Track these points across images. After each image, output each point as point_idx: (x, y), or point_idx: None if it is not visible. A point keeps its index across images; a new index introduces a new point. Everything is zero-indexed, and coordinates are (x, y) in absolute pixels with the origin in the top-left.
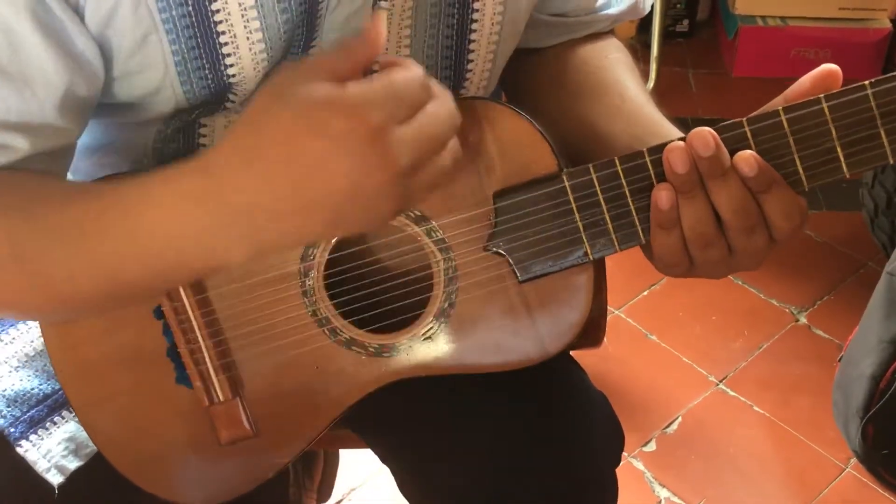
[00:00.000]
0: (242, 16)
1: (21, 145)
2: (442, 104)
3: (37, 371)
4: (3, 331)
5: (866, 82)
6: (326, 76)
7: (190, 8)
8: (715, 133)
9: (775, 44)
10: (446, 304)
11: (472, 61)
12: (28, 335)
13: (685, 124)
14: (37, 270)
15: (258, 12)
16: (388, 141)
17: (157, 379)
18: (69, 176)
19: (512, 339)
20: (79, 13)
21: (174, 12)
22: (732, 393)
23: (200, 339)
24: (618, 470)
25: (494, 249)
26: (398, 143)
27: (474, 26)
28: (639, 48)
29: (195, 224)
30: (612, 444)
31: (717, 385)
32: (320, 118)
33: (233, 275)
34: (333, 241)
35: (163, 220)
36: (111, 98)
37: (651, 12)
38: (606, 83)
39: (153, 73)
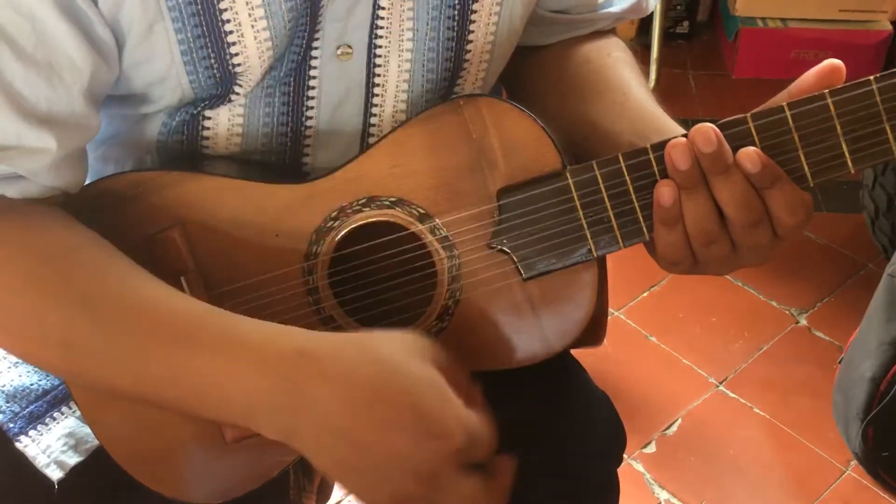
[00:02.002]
0: (247, 3)
1: (51, 145)
2: (497, 494)
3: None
4: None
5: (871, 77)
6: (450, 377)
7: None
8: (717, 129)
9: (775, 45)
10: (450, 302)
11: (469, 52)
12: None
13: (686, 126)
14: (82, 363)
15: (262, 0)
16: (447, 470)
17: None
18: None
19: (516, 337)
20: (93, 1)
21: (180, 0)
22: (732, 395)
23: None
24: (618, 471)
25: (498, 247)
26: (450, 480)
27: (473, 17)
28: (639, 49)
29: (256, 397)
30: (614, 444)
31: (718, 387)
32: (425, 401)
33: (237, 273)
34: (337, 238)
35: (231, 377)
36: (118, 88)
37: (651, 14)
38: (609, 81)
39: (159, 62)
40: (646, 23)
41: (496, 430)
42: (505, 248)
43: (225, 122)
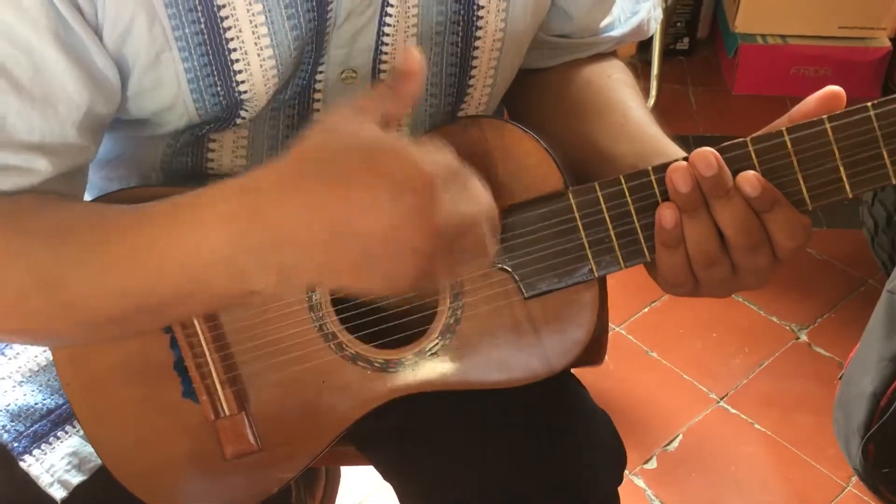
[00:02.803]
0: (253, 32)
1: (43, 167)
2: (488, 203)
3: (41, 386)
4: (7, 346)
5: (869, 104)
6: (377, 117)
7: (202, 26)
8: (717, 153)
9: (775, 62)
10: (452, 320)
11: (473, 77)
12: (32, 350)
13: (686, 142)
14: (61, 296)
15: (268, 29)
16: (436, 201)
17: (163, 392)
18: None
19: (517, 356)
20: (97, 32)
21: (187, 30)
22: (733, 410)
23: (207, 352)
24: (619, 488)
25: (500, 266)
26: (444, 207)
27: (477, 43)
28: (639, 66)
29: (226, 243)
30: (614, 462)
31: (718, 402)
32: (379, 161)
33: None
34: None
35: (194, 239)
36: (124, 114)
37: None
38: (610, 103)
39: (166, 90)
40: (646, 40)
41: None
42: (507, 267)
43: (230, 144)
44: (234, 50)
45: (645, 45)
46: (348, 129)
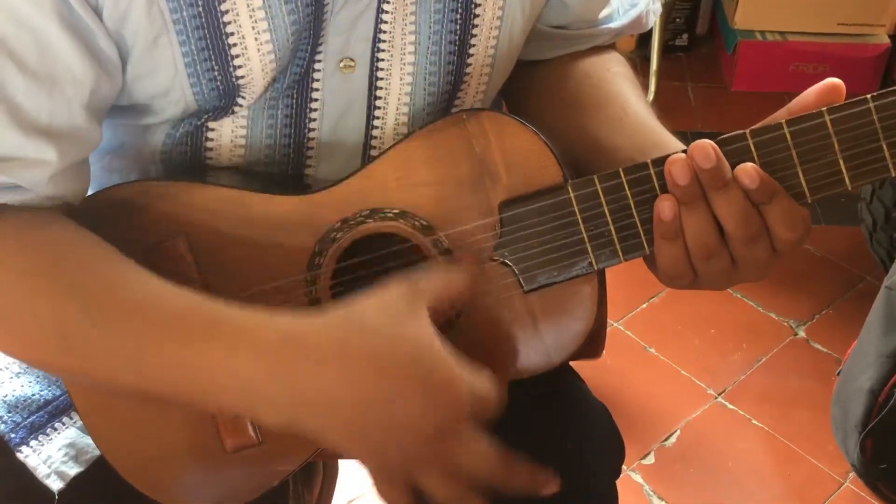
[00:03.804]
0: (251, 16)
1: (51, 157)
2: (495, 463)
3: (38, 377)
4: None
5: (868, 96)
6: (436, 302)
7: (200, 9)
8: (715, 145)
9: (774, 58)
10: (451, 314)
11: (470, 66)
12: None
13: (685, 138)
14: (81, 358)
15: (266, 13)
16: (459, 429)
17: None
18: None
19: (516, 349)
20: (97, 13)
21: (185, 13)
22: (731, 406)
23: None
24: (616, 483)
25: (500, 259)
26: (461, 438)
27: (475, 31)
28: (638, 62)
29: (251, 381)
30: (613, 457)
31: (716, 398)
32: (425, 367)
33: (240, 283)
34: (340, 250)
35: (224, 362)
36: (121, 100)
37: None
38: (608, 96)
39: (163, 74)
40: (645, 35)
41: (501, 388)
42: (506, 261)
43: (228, 134)
44: (232, 34)
45: (644, 41)
46: (402, 317)
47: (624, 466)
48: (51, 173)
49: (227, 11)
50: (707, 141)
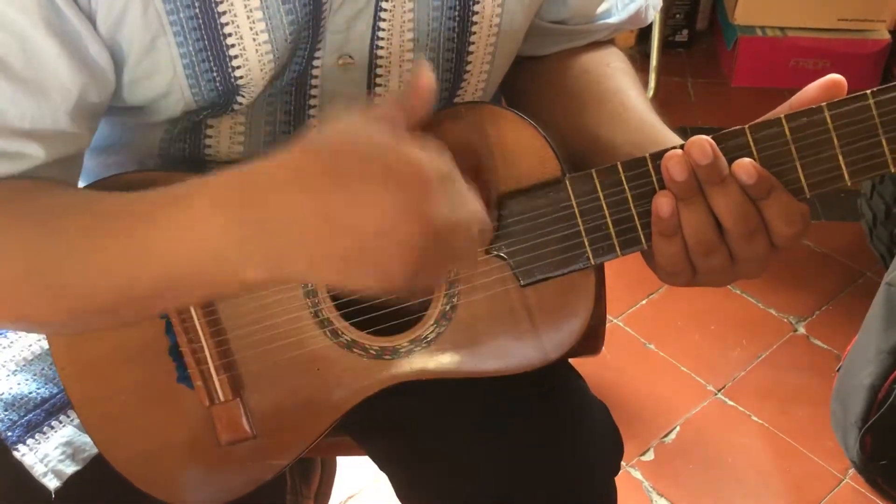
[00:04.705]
0: (248, 17)
1: (35, 153)
2: (480, 208)
3: (35, 375)
4: (1, 334)
5: (868, 91)
6: (389, 124)
7: (197, 10)
8: (713, 141)
9: (774, 54)
10: (447, 308)
11: (470, 63)
12: (26, 339)
13: (685, 134)
14: (53, 283)
15: (263, 13)
16: (432, 200)
17: (158, 378)
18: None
19: (513, 344)
20: (91, 19)
21: (182, 14)
22: (731, 402)
23: (202, 338)
24: (616, 479)
25: (496, 253)
26: (439, 207)
27: (474, 28)
28: (638, 58)
29: (221, 233)
30: (611, 453)
31: (716, 394)
32: (379, 156)
33: None
34: None
35: (184, 227)
36: (121, 102)
37: (651, 22)
38: (608, 91)
39: (162, 76)
40: (645, 31)
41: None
42: (503, 255)
43: (227, 130)
44: (230, 35)
45: (644, 37)
46: (354, 129)
47: (623, 463)
48: (35, 165)
49: (224, 13)
50: (704, 137)
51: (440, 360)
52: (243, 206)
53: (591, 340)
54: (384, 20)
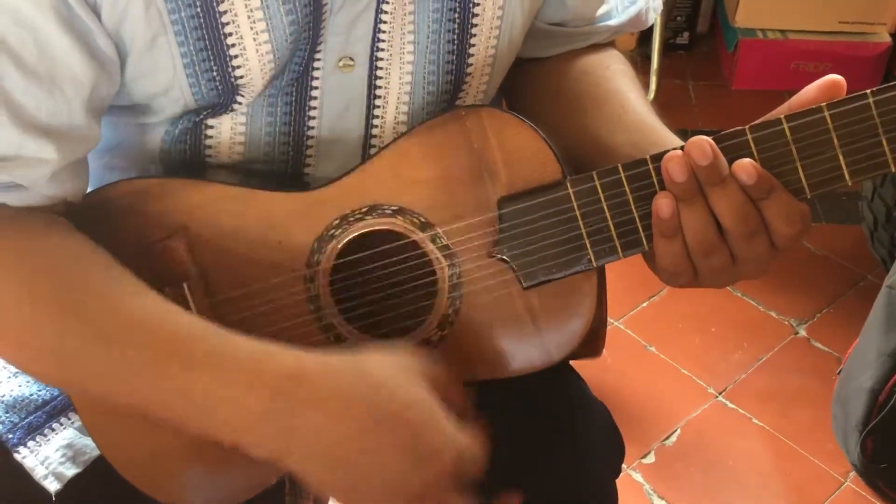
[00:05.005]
0: (249, 17)
1: (51, 155)
2: None
3: None
4: None
5: (868, 91)
6: (438, 387)
7: (198, 9)
8: (712, 142)
9: (775, 57)
10: (450, 311)
11: (471, 65)
12: None
13: (685, 136)
14: (75, 370)
15: (264, 13)
16: (440, 495)
17: None
18: None
19: (516, 346)
20: (96, 12)
21: (183, 13)
22: (731, 405)
23: None
24: (617, 481)
25: (499, 256)
26: (441, 500)
27: (474, 31)
28: (639, 60)
29: (246, 415)
30: (612, 455)
31: (717, 397)
32: (420, 430)
33: (239, 280)
34: (339, 247)
35: (222, 394)
36: (121, 100)
37: (652, 25)
38: (608, 93)
39: (162, 74)
40: (646, 34)
41: (487, 445)
42: (505, 257)
43: (227, 131)
44: (231, 34)
45: (645, 39)
46: (409, 376)
47: (624, 465)
48: (50, 171)
49: (225, 12)
50: (703, 137)
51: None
52: (277, 399)
53: (592, 343)
54: (385, 22)
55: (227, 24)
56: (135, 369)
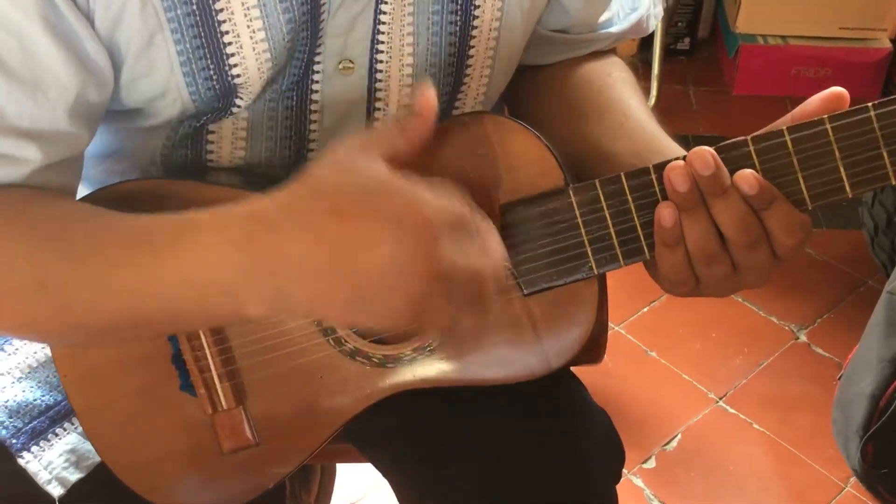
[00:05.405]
0: (245, 15)
1: (33, 156)
2: (497, 259)
3: (39, 382)
4: (5, 342)
5: (869, 104)
6: (385, 153)
7: (194, 7)
8: (714, 152)
9: (776, 62)
10: None
11: (470, 66)
12: (31, 346)
13: (686, 142)
14: (58, 298)
15: (261, 12)
16: (437, 247)
17: (160, 385)
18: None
19: (516, 353)
20: (89, 18)
21: (179, 11)
22: (732, 410)
23: (206, 346)
24: (617, 487)
25: None
26: (445, 254)
27: (474, 33)
28: (640, 66)
29: (226, 269)
30: (612, 460)
31: (717, 402)
32: (385, 201)
33: None
34: None
35: (194, 262)
36: (119, 104)
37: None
38: (609, 101)
39: (159, 74)
40: (647, 39)
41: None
42: (506, 264)
43: (228, 136)
44: (227, 33)
45: (646, 45)
46: (356, 166)
47: (625, 470)
48: (33, 169)
49: (221, 10)
50: (706, 148)
51: (443, 369)
52: (248, 243)
53: (592, 349)
54: (384, 23)
55: (224, 21)
56: (110, 272)
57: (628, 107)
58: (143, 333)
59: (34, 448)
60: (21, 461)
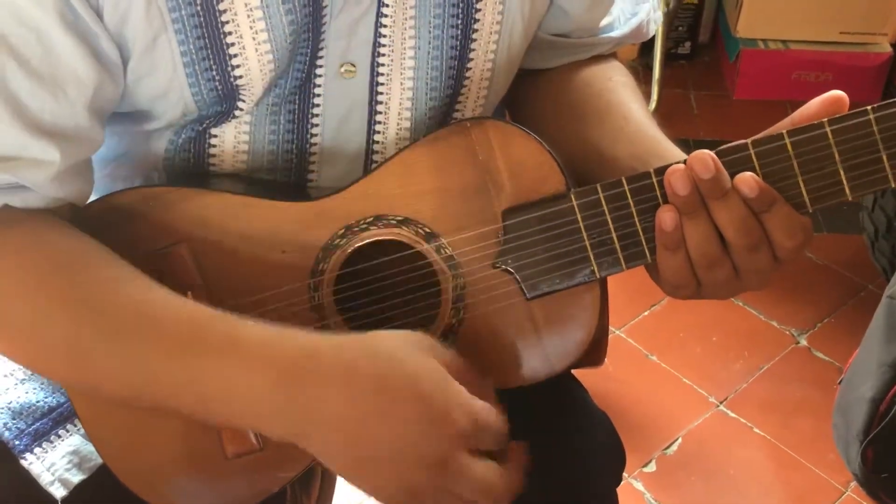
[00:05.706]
0: (248, 16)
1: (53, 157)
2: (505, 492)
3: (42, 384)
4: None
5: (869, 107)
6: (456, 373)
7: (198, 7)
8: (714, 156)
9: (776, 67)
10: (454, 321)
11: (470, 69)
12: None
13: (687, 146)
14: (86, 368)
15: (263, 13)
16: (458, 459)
17: None
18: None
19: (518, 356)
20: (99, 15)
21: (183, 12)
22: (733, 414)
23: None
24: (618, 490)
25: (503, 267)
26: (459, 458)
27: (475, 36)
28: (641, 70)
29: (256, 393)
30: (613, 464)
31: (718, 406)
32: (426, 388)
33: (243, 289)
34: (344, 256)
35: (238, 376)
36: (123, 105)
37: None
38: (610, 105)
39: (162, 73)
40: (648, 44)
41: (507, 419)
42: (509, 268)
43: (231, 140)
44: (230, 34)
45: (646, 49)
46: (417, 351)
47: (625, 474)
48: (54, 173)
49: (224, 11)
50: (706, 151)
51: None
52: (292, 380)
53: (593, 352)
54: (385, 27)
55: (227, 22)
56: (145, 363)
57: (629, 110)
58: (155, 411)
59: (37, 449)
60: (24, 462)
